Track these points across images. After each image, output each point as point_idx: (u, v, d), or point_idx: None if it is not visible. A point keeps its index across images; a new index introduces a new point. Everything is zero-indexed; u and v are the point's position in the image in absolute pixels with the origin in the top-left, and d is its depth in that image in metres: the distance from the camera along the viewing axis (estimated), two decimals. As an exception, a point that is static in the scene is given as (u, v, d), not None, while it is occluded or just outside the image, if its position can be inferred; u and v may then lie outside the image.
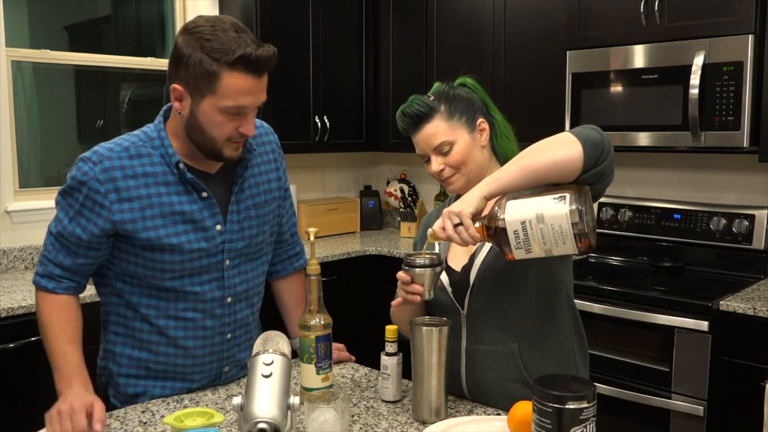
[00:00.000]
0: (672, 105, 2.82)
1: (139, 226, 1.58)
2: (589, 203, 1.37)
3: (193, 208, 1.62)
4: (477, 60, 3.52)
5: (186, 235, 1.61)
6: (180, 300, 1.66)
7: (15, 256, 3.09)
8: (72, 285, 1.64)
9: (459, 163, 1.62)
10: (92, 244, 1.60)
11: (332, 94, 3.88)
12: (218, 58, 1.46)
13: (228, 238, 1.67)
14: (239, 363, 1.78)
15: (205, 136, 1.55)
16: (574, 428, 1.16)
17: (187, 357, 1.69)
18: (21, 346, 2.46)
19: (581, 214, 1.32)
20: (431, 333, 1.49)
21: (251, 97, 1.52)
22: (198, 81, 1.49)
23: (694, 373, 2.55)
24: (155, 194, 1.59)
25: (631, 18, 2.92)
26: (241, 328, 1.76)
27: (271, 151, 1.80)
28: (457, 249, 1.69)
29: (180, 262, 1.62)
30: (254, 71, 1.50)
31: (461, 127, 1.62)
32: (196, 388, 1.73)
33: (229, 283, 1.70)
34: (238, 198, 1.68)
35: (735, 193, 3.12)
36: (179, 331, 1.67)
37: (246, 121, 1.55)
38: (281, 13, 3.62)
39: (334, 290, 2.63)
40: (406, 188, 4.22)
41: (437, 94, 1.65)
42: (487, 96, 1.71)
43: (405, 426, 1.49)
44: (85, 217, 1.58)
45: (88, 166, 1.57)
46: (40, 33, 3.42)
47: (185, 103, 1.54)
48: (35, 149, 3.38)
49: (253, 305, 1.79)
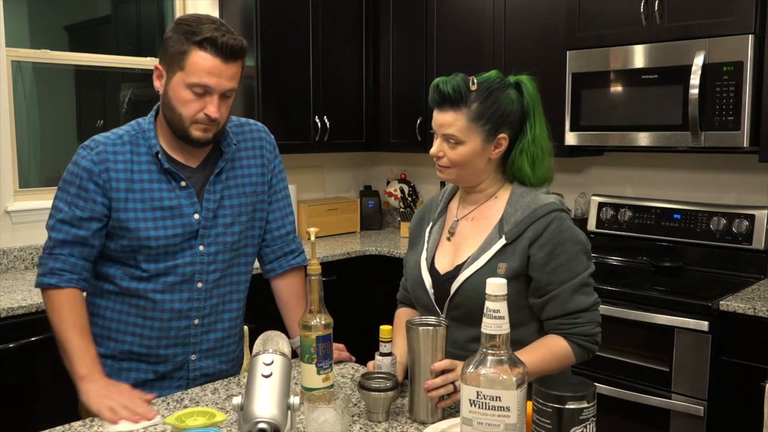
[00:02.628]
0: (672, 105, 2.82)
1: (120, 205, 1.70)
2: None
3: (172, 196, 1.73)
4: (477, 60, 3.52)
5: (163, 221, 1.72)
6: (151, 281, 1.73)
7: (15, 256, 3.09)
8: (73, 277, 1.70)
9: (457, 163, 1.62)
10: (91, 227, 1.69)
11: (332, 94, 3.88)
12: (189, 38, 1.63)
13: (203, 225, 1.75)
14: (206, 352, 1.83)
15: (174, 113, 1.68)
16: (574, 428, 1.16)
17: (152, 338, 1.76)
18: (21, 346, 2.46)
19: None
20: (427, 333, 1.49)
21: (215, 78, 1.64)
22: (172, 58, 1.65)
23: (694, 373, 2.55)
24: (138, 180, 1.71)
25: (631, 18, 2.92)
26: (210, 315, 1.81)
27: (260, 148, 1.88)
28: (445, 249, 1.69)
29: (155, 247, 1.72)
30: (220, 54, 1.63)
31: (479, 133, 1.58)
32: (162, 373, 1.79)
33: (201, 269, 1.77)
34: (214, 188, 1.78)
35: (735, 193, 3.12)
36: (147, 311, 1.75)
37: (211, 103, 1.66)
38: (281, 13, 3.62)
39: (334, 290, 2.63)
40: (406, 188, 4.22)
41: (482, 86, 1.58)
42: (539, 102, 1.64)
43: (405, 426, 1.49)
44: (83, 198, 1.69)
45: (86, 152, 1.71)
46: (40, 33, 3.42)
47: (162, 81, 1.69)
48: (35, 149, 3.38)
49: (224, 294, 1.84)
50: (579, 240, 1.59)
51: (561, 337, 1.58)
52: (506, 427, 1.19)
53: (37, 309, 2.50)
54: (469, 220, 1.69)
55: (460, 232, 1.69)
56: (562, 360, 1.57)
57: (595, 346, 1.60)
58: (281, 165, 1.94)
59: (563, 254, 1.56)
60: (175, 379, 1.81)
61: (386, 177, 4.43)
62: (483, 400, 1.19)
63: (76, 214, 1.68)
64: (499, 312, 1.18)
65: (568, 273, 1.56)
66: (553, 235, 1.56)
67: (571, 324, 1.57)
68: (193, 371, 1.82)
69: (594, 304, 1.59)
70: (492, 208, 1.66)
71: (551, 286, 1.56)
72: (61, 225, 1.69)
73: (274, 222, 1.92)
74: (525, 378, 1.20)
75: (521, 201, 1.61)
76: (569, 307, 1.56)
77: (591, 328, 1.58)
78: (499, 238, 1.59)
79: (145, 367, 1.78)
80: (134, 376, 1.78)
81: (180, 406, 1.61)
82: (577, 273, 1.57)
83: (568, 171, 3.61)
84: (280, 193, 1.93)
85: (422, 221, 1.80)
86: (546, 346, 1.57)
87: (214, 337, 1.84)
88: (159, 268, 1.73)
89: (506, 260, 1.57)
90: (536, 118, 1.63)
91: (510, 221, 1.60)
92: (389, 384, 1.51)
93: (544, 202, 1.59)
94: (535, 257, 1.56)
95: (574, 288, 1.56)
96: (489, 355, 1.19)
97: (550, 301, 1.57)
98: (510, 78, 1.64)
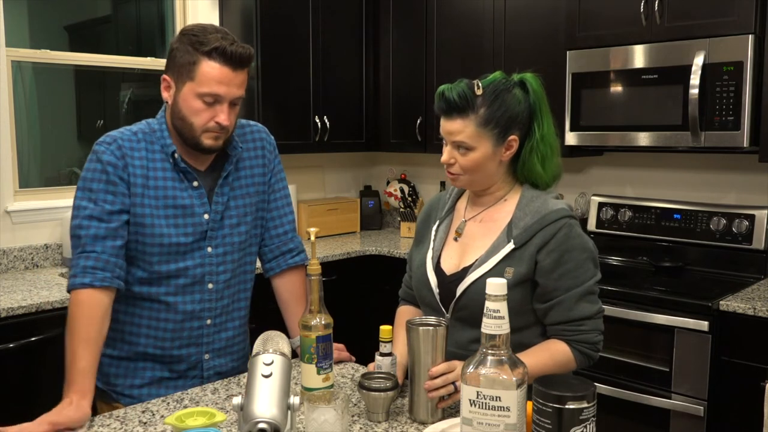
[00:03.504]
0: (672, 105, 2.82)
1: (137, 200, 1.70)
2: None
3: (185, 195, 1.74)
4: (477, 60, 3.52)
5: (174, 219, 1.73)
6: (162, 284, 1.74)
7: (15, 256, 3.09)
8: (106, 276, 1.63)
9: (469, 169, 1.61)
10: (122, 219, 1.67)
11: (332, 94, 3.88)
12: (197, 48, 1.65)
13: (211, 226, 1.77)
14: (219, 351, 1.84)
15: (186, 123, 1.69)
16: (574, 428, 1.16)
17: (165, 340, 1.77)
18: (21, 346, 2.46)
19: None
20: (427, 333, 1.49)
21: (225, 87, 1.66)
22: (181, 69, 1.67)
23: (694, 373, 2.55)
24: (152, 177, 1.72)
25: (631, 18, 2.92)
26: (221, 315, 1.83)
27: (261, 148, 1.90)
28: (452, 250, 1.69)
29: (168, 245, 1.72)
30: (229, 63, 1.65)
31: (489, 138, 1.57)
32: (176, 372, 1.79)
33: (210, 270, 1.78)
34: (222, 190, 1.79)
35: (735, 193, 3.12)
36: (161, 313, 1.75)
37: (222, 111, 1.67)
38: (281, 13, 3.62)
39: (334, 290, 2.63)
40: (406, 188, 4.22)
41: (487, 90, 1.57)
42: (545, 99, 1.62)
43: (405, 426, 1.49)
44: (111, 193, 1.67)
45: (104, 147, 1.70)
46: (40, 33, 3.42)
47: (171, 92, 1.70)
48: (35, 149, 3.38)
49: (234, 294, 1.86)
50: (587, 248, 1.59)
51: (564, 343, 1.58)
52: (506, 427, 1.19)
53: (37, 309, 2.50)
54: (478, 222, 1.68)
55: (467, 233, 1.69)
56: (563, 366, 1.57)
57: (596, 354, 1.60)
58: (280, 165, 1.97)
59: (570, 261, 1.56)
60: (189, 378, 1.82)
61: (386, 177, 4.43)
62: (483, 400, 1.19)
63: (106, 209, 1.66)
64: (499, 312, 1.18)
65: (574, 280, 1.56)
66: (562, 241, 1.56)
67: (575, 331, 1.57)
68: (207, 370, 1.83)
69: (598, 312, 1.59)
70: (501, 210, 1.65)
71: (557, 292, 1.56)
72: (89, 221, 1.65)
73: (271, 221, 1.94)
74: (525, 378, 1.20)
75: (531, 205, 1.61)
76: (573, 314, 1.56)
77: (594, 336, 1.58)
78: (507, 243, 1.59)
79: (160, 366, 1.80)
80: (150, 375, 1.79)
81: (180, 406, 1.61)
82: (583, 281, 1.57)
83: (568, 171, 3.58)
84: (278, 192, 1.95)
85: (429, 218, 1.80)
86: (549, 350, 1.57)
87: (226, 336, 1.86)
88: (170, 270, 1.73)
89: (514, 265, 1.57)
90: (543, 115, 1.62)
91: (519, 225, 1.59)
92: (389, 384, 1.51)
93: (554, 208, 1.59)
94: (543, 263, 1.56)
95: (580, 295, 1.56)
96: (489, 355, 1.19)
97: (555, 307, 1.57)
98: (514, 77, 1.63)
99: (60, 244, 3.20)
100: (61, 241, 3.19)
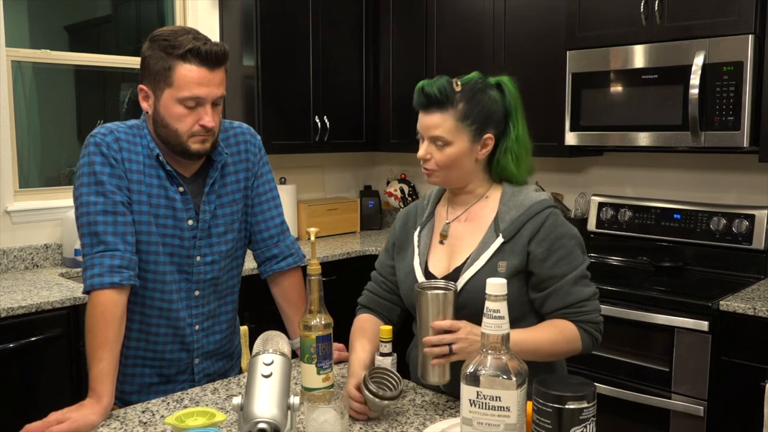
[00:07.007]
0: (672, 105, 2.82)
1: (134, 197, 1.68)
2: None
3: (170, 196, 1.71)
4: (477, 60, 3.52)
5: (156, 219, 1.70)
6: (148, 290, 1.72)
7: (15, 256, 3.09)
8: (131, 274, 1.63)
9: (444, 164, 1.63)
10: (130, 211, 1.66)
11: (332, 94, 3.87)
12: (171, 53, 1.61)
13: (198, 235, 1.75)
14: (208, 354, 1.85)
15: (170, 130, 1.65)
16: (573, 428, 1.16)
17: (158, 344, 1.76)
18: (21, 346, 2.46)
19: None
20: (436, 297, 1.48)
21: (205, 88, 1.62)
22: (157, 77, 1.63)
23: (694, 373, 2.55)
24: (146, 174, 1.69)
25: (631, 18, 2.92)
26: (209, 320, 1.83)
27: (245, 152, 1.86)
28: (439, 253, 1.69)
29: (150, 242, 1.69)
30: (205, 63, 1.61)
31: (466, 134, 1.60)
32: (166, 376, 1.80)
33: (198, 278, 1.77)
34: (208, 199, 1.77)
35: (735, 193, 3.12)
36: (152, 319, 1.74)
37: (205, 113, 1.64)
38: (281, 13, 3.62)
39: (334, 290, 2.62)
40: (406, 188, 4.22)
41: (466, 87, 1.60)
42: (519, 102, 1.66)
43: (405, 426, 1.49)
44: (117, 186, 1.65)
45: (99, 138, 1.67)
46: (40, 33, 3.42)
47: (150, 101, 1.67)
48: (35, 149, 3.38)
49: (220, 299, 1.85)
50: (574, 234, 1.63)
51: (570, 322, 1.59)
52: (506, 427, 1.19)
53: (37, 309, 2.50)
54: (462, 222, 1.69)
55: (453, 234, 1.69)
56: (571, 344, 1.58)
57: (599, 336, 1.62)
58: (267, 167, 1.91)
59: (562, 248, 1.59)
60: (179, 382, 1.82)
61: (386, 177, 4.43)
62: (483, 400, 1.19)
63: (117, 200, 1.64)
64: (499, 312, 1.18)
65: (568, 266, 1.59)
66: (550, 230, 1.59)
67: (578, 312, 1.59)
68: (197, 374, 1.83)
69: (594, 294, 1.62)
70: (484, 208, 1.67)
71: (553, 279, 1.58)
72: (105, 216, 1.62)
73: (256, 225, 1.89)
74: (525, 378, 1.20)
75: (514, 199, 1.63)
76: (572, 298, 1.58)
77: (596, 316, 1.61)
78: (496, 237, 1.60)
79: (149, 371, 1.79)
80: (139, 381, 1.79)
81: (180, 406, 1.61)
82: (576, 266, 1.60)
83: (568, 171, 3.61)
84: (263, 195, 1.89)
85: (407, 226, 1.79)
86: (557, 327, 1.58)
87: (214, 339, 1.85)
88: (156, 277, 1.72)
89: (506, 258, 1.59)
90: (518, 117, 1.65)
91: (505, 219, 1.61)
92: (391, 393, 1.50)
93: (538, 199, 1.62)
94: (535, 253, 1.58)
95: (575, 280, 1.59)
96: (489, 355, 1.19)
97: (552, 294, 1.58)
98: (491, 79, 1.66)
99: (60, 244, 3.20)
100: (61, 241, 3.19)
